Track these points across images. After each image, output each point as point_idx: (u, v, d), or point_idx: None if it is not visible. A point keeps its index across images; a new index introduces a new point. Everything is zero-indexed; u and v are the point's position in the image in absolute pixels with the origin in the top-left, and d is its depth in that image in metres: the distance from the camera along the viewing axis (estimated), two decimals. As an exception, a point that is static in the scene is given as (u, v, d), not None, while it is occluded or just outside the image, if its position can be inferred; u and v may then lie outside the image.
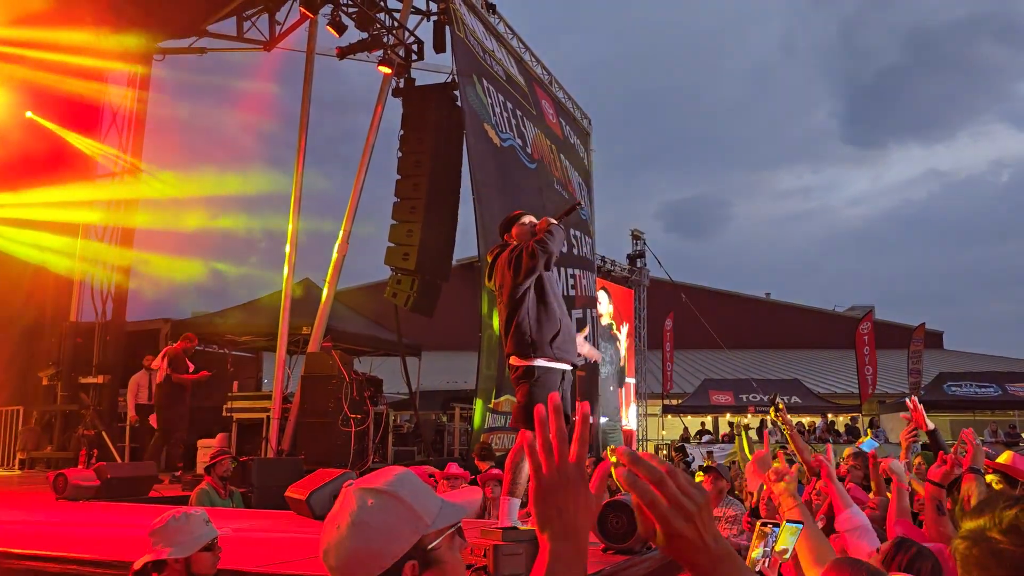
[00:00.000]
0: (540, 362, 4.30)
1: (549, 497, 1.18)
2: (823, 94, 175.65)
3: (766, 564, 2.55)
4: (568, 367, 4.50)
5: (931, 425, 4.35)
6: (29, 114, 12.38)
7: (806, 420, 23.26)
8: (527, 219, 4.60)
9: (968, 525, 1.17)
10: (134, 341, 12.98)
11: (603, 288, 20.08)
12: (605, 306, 20.55)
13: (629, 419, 21.94)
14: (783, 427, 4.75)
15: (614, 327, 20.97)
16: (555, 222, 4.53)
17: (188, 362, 10.46)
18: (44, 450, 12.30)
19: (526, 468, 4.75)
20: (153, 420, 10.56)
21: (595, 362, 17.45)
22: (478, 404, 11.56)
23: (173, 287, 12.98)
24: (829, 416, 24.19)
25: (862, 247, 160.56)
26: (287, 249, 11.36)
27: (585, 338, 5.03)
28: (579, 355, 4.70)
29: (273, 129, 12.83)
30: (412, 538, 1.34)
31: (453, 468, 6.79)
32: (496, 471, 7.35)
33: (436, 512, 1.39)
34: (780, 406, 5.10)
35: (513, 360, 4.37)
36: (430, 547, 1.36)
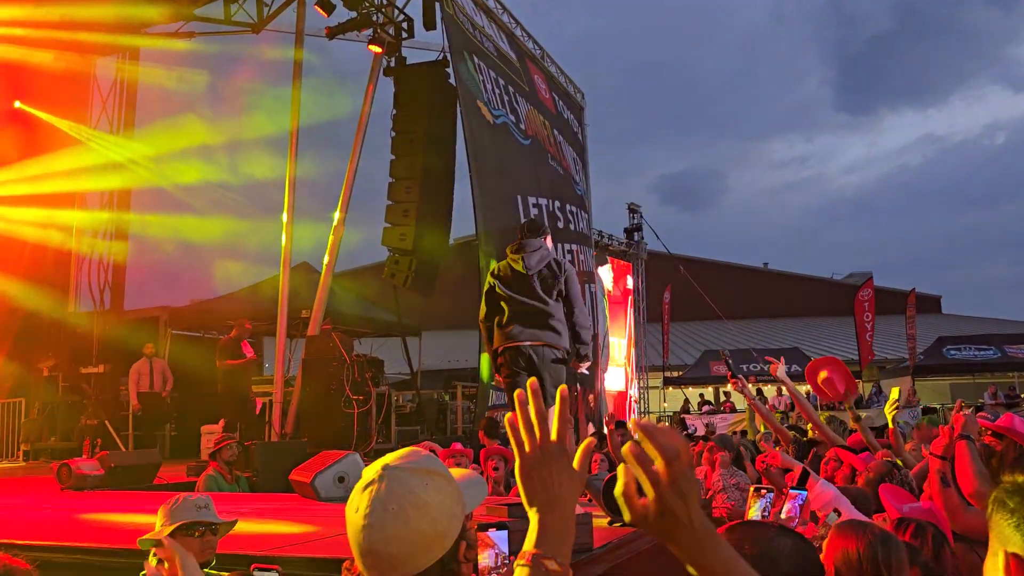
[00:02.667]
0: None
1: (533, 472, 1.22)
2: (814, 62, 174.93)
3: None
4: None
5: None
6: (18, 104, 12.29)
7: (804, 389, 23.32)
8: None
9: (1013, 478, 1.21)
10: (133, 329, 12.98)
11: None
12: (608, 282, 20.57)
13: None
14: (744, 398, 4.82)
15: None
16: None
17: (245, 347, 10.58)
18: (48, 441, 12.32)
19: None
20: None
21: (595, 335, 17.45)
22: (484, 358, 11.43)
23: (175, 246, 13.03)
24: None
25: (859, 214, 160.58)
26: (283, 233, 11.31)
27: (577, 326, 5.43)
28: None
29: (268, 106, 12.75)
30: (460, 519, 1.34)
31: (457, 447, 6.81)
32: (499, 446, 7.40)
33: (466, 493, 1.39)
34: (739, 379, 5.16)
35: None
36: (466, 527, 1.36)
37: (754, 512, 2.56)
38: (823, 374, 5.32)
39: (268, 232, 12.19)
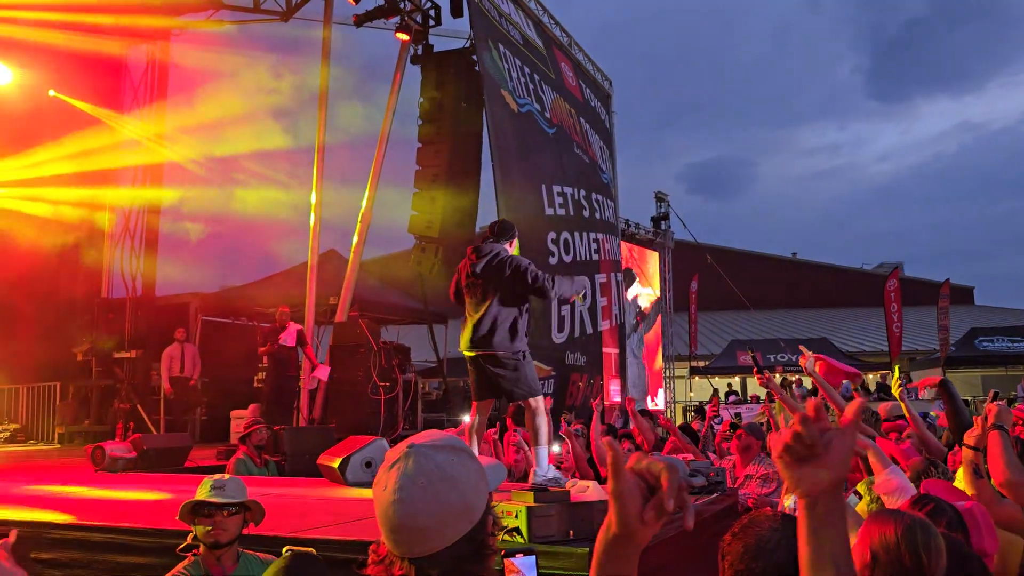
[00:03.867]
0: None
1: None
2: (846, 49, 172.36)
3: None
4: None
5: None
6: (52, 92, 12.49)
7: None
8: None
9: None
10: (164, 315, 13.17)
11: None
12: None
13: (657, 401, 21.59)
14: (772, 393, 4.77)
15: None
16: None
17: (287, 331, 10.65)
18: (82, 424, 12.57)
19: (543, 424, 5.05)
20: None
21: (622, 324, 17.42)
22: None
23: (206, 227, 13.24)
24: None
25: (892, 203, 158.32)
26: (311, 220, 11.40)
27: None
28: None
29: (293, 95, 12.86)
30: (486, 494, 1.36)
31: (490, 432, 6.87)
32: (524, 433, 7.48)
33: (487, 473, 1.41)
34: (765, 374, 5.10)
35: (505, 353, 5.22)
36: (490, 503, 1.38)
37: (790, 501, 2.50)
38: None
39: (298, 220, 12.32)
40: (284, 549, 2.55)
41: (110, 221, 14.01)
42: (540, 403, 5.10)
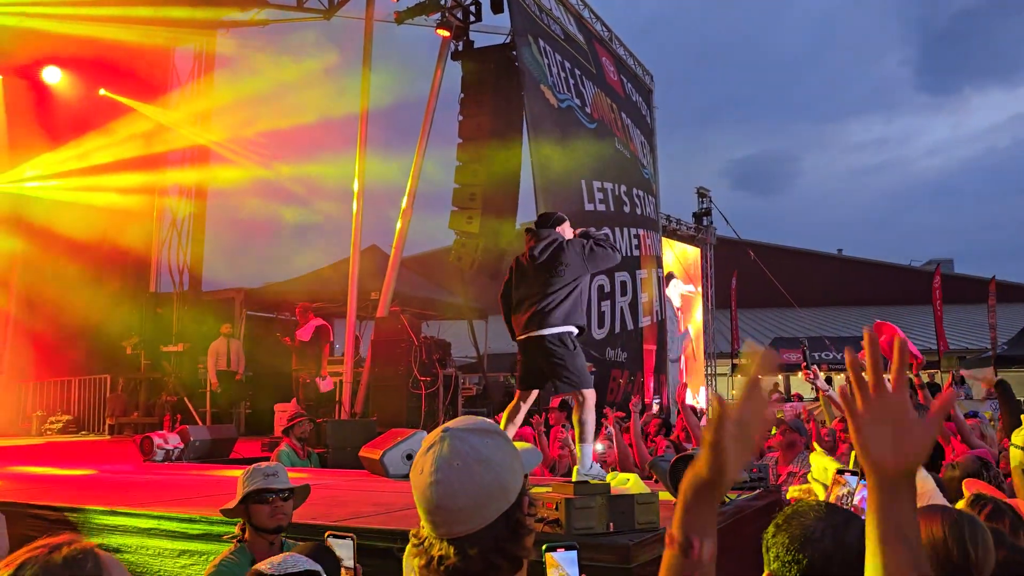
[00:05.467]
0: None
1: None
2: (894, 41, 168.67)
3: None
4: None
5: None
6: (103, 91, 12.81)
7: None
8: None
9: None
10: (210, 310, 13.41)
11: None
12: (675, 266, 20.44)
13: (698, 398, 21.41)
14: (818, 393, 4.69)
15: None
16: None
17: (304, 328, 10.80)
18: (131, 415, 12.88)
19: (590, 420, 4.92)
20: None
21: (663, 320, 17.29)
22: None
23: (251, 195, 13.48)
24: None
25: (942, 198, 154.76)
26: (353, 215, 11.52)
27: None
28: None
29: (336, 90, 13.02)
30: (521, 475, 1.38)
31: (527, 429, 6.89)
32: (562, 433, 7.49)
33: (522, 456, 1.43)
34: (812, 369, 4.97)
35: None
36: (526, 485, 1.39)
37: (837, 496, 2.44)
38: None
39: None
40: (326, 534, 2.60)
41: (157, 213, 14.31)
42: (590, 397, 4.89)
